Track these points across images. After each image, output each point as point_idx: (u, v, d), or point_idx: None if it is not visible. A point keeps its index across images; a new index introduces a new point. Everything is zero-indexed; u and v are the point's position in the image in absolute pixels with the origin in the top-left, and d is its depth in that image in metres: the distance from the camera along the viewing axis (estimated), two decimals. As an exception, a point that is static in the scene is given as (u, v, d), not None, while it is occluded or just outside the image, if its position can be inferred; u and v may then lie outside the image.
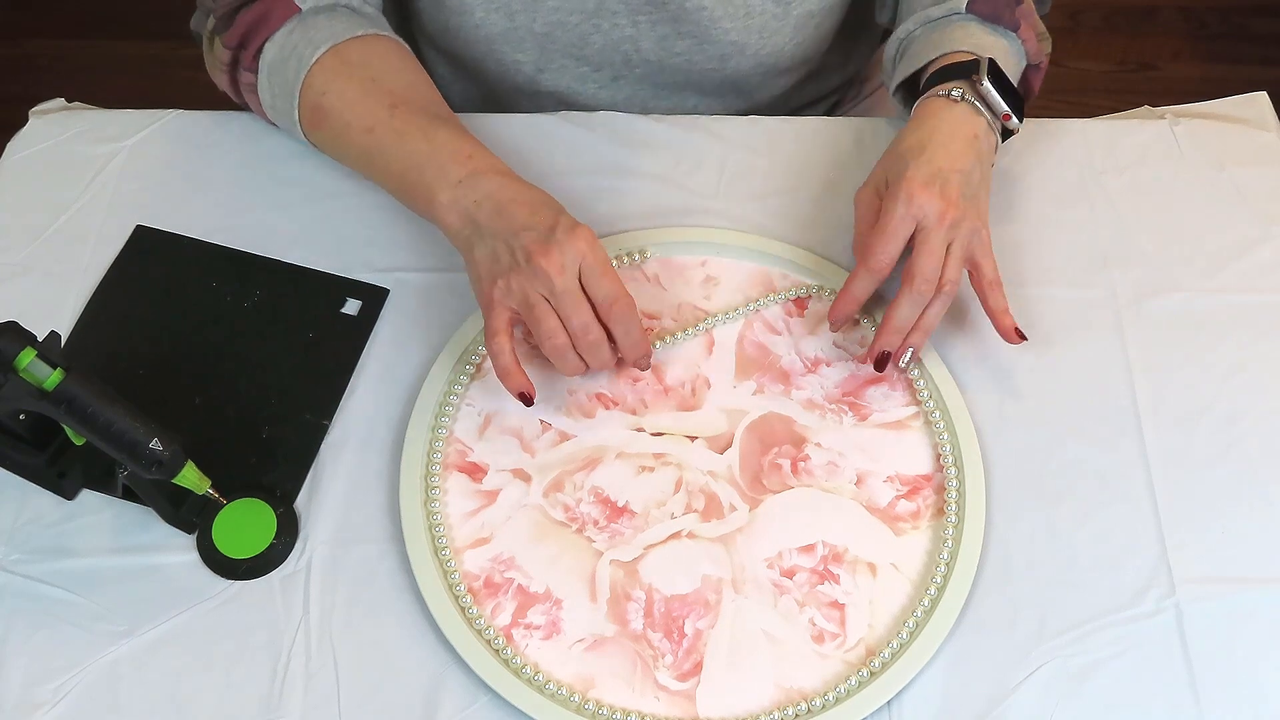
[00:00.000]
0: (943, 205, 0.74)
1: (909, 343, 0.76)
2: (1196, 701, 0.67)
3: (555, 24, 0.87)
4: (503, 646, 0.69)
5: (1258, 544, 0.73)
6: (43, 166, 0.88)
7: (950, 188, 0.75)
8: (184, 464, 0.67)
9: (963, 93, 0.78)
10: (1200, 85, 1.98)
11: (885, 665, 0.68)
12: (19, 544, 0.72)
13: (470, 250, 0.74)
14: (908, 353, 0.76)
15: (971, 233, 0.75)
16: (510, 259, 0.72)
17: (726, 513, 0.74)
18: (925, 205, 0.74)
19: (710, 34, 0.88)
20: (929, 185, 0.74)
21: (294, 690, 0.67)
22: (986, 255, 0.77)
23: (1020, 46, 0.84)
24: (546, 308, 0.71)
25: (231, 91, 0.85)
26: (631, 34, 0.88)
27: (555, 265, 0.70)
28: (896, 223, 0.75)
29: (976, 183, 0.77)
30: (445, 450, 0.76)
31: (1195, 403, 0.78)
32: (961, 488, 0.74)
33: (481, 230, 0.73)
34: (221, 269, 0.83)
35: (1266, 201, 0.87)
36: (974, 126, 0.78)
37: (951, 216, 0.74)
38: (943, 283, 0.74)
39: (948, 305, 0.75)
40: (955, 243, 0.75)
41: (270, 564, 0.71)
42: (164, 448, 0.65)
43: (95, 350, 0.80)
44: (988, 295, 0.77)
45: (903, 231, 0.75)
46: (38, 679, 0.68)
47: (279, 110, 0.82)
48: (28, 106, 0.92)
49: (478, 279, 0.74)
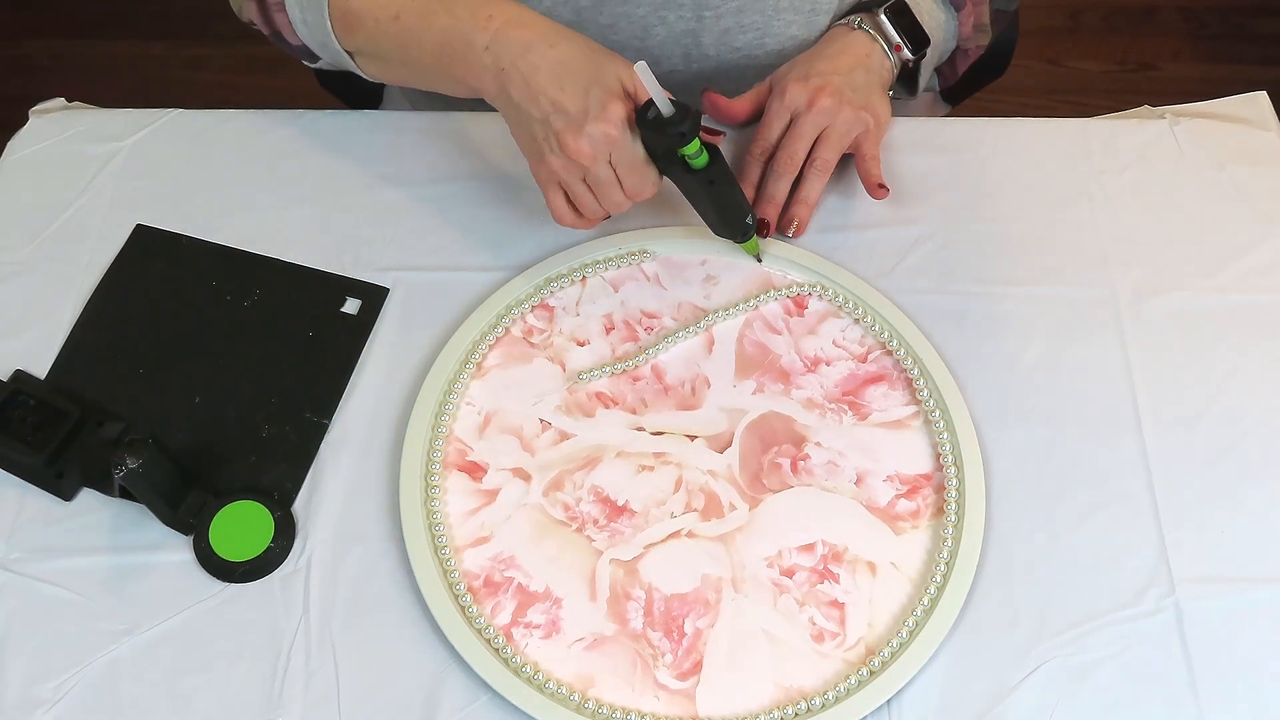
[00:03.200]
0: (812, 95, 0.82)
1: (791, 214, 0.84)
2: (1196, 700, 0.67)
3: (621, 15, 0.88)
4: (503, 645, 0.69)
5: (1258, 544, 0.73)
6: (43, 166, 0.89)
7: (825, 84, 0.82)
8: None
9: (859, 20, 0.87)
10: (1200, 85, 1.98)
11: (885, 664, 0.68)
12: (19, 543, 0.72)
13: (513, 124, 0.77)
14: (793, 224, 0.84)
15: (854, 120, 0.82)
16: (546, 143, 0.74)
17: (726, 512, 0.74)
18: (796, 96, 0.83)
19: (772, 27, 0.89)
20: (802, 81, 0.83)
21: (294, 689, 0.67)
22: (869, 139, 0.84)
23: (955, 27, 0.91)
24: (584, 188, 0.76)
25: (260, 19, 0.85)
26: (694, 28, 0.89)
27: (587, 155, 0.73)
28: (771, 114, 0.84)
29: (860, 84, 0.84)
30: (445, 449, 0.76)
31: (1195, 403, 0.78)
32: (961, 487, 0.74)
33: (516, 105, 0.75)
34: (221, 268, 0.83)
35: (1266, 201, 0.87)
36: (865, 48, 0.86)
37: (821, 104, 0.82)
38: (813, 158, 0.83)
39: (823, 181, 0.83)
40: (830, 129, 0.82)
41: (267, 567, 0.71)
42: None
43: (95, 350, 0.80)
44: (861, 166, 0.84)
45: (778, 122, 0.84)
46: (38, 678, 0.68)
47: (310, 24, 0.82)
48: (28, 106, 0.92)
49: (524, 150, 0.78)
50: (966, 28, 0.92)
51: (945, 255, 0.84)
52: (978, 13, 0.92)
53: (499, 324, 0.81)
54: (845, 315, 0.82)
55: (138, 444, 0.66)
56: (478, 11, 0.76)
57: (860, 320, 0.81)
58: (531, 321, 0.82)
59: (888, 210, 0.86)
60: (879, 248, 0.85)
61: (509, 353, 0.80)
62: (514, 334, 0.81)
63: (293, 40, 0.85)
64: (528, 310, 0.82)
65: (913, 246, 0.85)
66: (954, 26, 0.91)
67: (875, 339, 0.81)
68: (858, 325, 0.81)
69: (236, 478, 0.74)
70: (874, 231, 0.85)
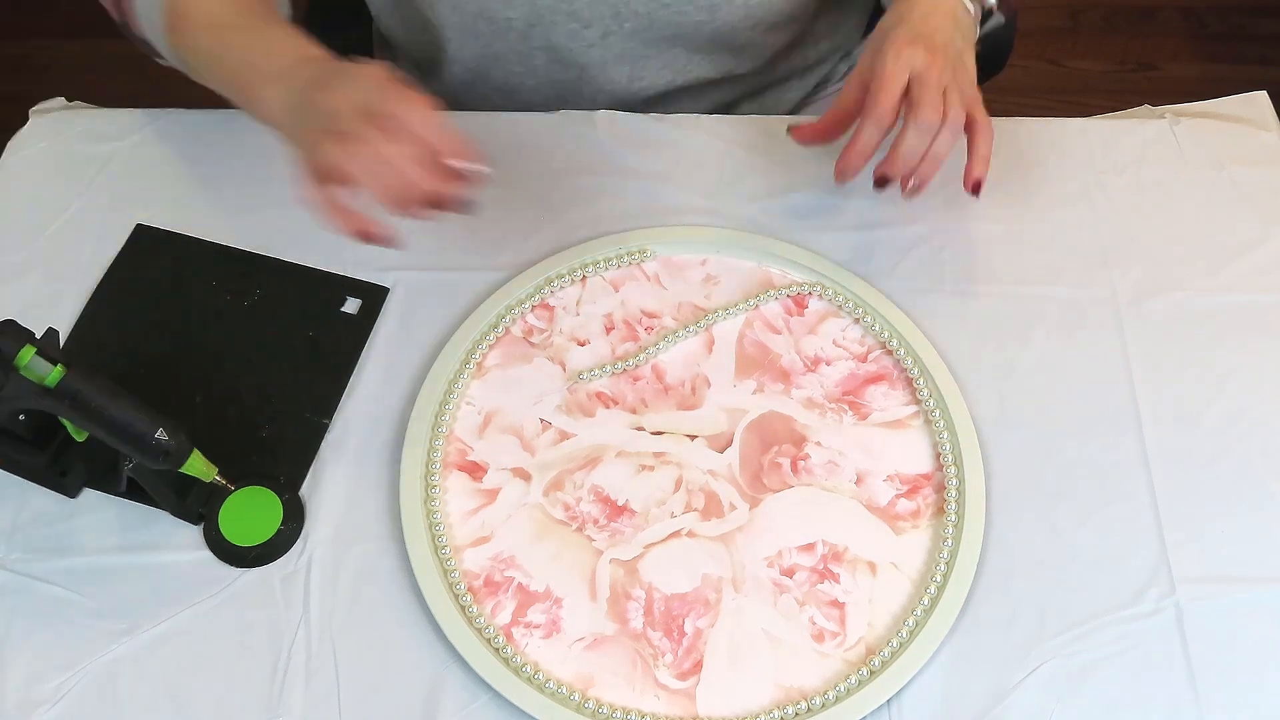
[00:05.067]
0: (929, 56, 0.77)
1: (921, 173, 0.77)
2: (1196, 700, 0.67)
3: None
4: (503, 645, 0.69)
5: (1258, 543, 0.73)
6: (43, 166, 0.89)
7: (935, 43, 0.77)
8: (190, 452, 0.67)
9: None
10: (1200, 85, 1.98)
11: (885, 664, 0.68)
12: (19, 542, 0.72)
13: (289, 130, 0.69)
14: (915, 183, 0.78)
15: (967, 83, 0.78)
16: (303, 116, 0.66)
17: (726, 512, 0.74)
18: (913, 56, 0.76)
19: None
20: (914, 42, 0.77)
21: (294, 689, 0.67)
22: (977, 105, 0.79)
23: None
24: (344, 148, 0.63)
25: (112, 6, 0.81)
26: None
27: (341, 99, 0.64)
28: (890, 73, 0.76)
29: (960, 46, 0.79)
30: (445, 449, 0.76)
31: (1195, 403, 0.78)
32: (961, 487, 0.74)
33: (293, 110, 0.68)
34: (221, 267, 0.83)
35: (1266, 201, 0.87)
36: (951, 4, 0.81)
37: (941, 64, 0.77)
38: (947, 115, 0.76)
39: (955, 139, 0.77)
40: (950, 87, 0.77)
41: (278, 550, 0.71)
42: (170, 437, 0.65)
43: (95, 349, 0.80)
44: (976, 137, 0.79)
45: (898, 80, 0.76)
46: (38, 677, 0.68)
47: (145, 16, 0.79)
48: (28, 106, 0.92)
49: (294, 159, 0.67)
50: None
51: (945, 255, 0.84)
52: None
53: (499, 324, 0.81)
54: (845, 315, 0.82)
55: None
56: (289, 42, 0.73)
57: (860, 320, 0.81)
58: (531, 321, 0.82)
59: (888, 210, 0.86)
60: (879, 248, 0.85)
61: (509, 352, 0.80)
62: (514, 334, 0.81)
63: (138, 34, 0.82)
64: (528, 310, 0.82)
65: (913, 246, 0.85)
66: None
67: (875, 339, 0.81)
68: (858, 325, 0.81)
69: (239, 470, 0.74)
70: (874, 231, 0.85)
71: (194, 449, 0.68)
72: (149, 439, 0.65)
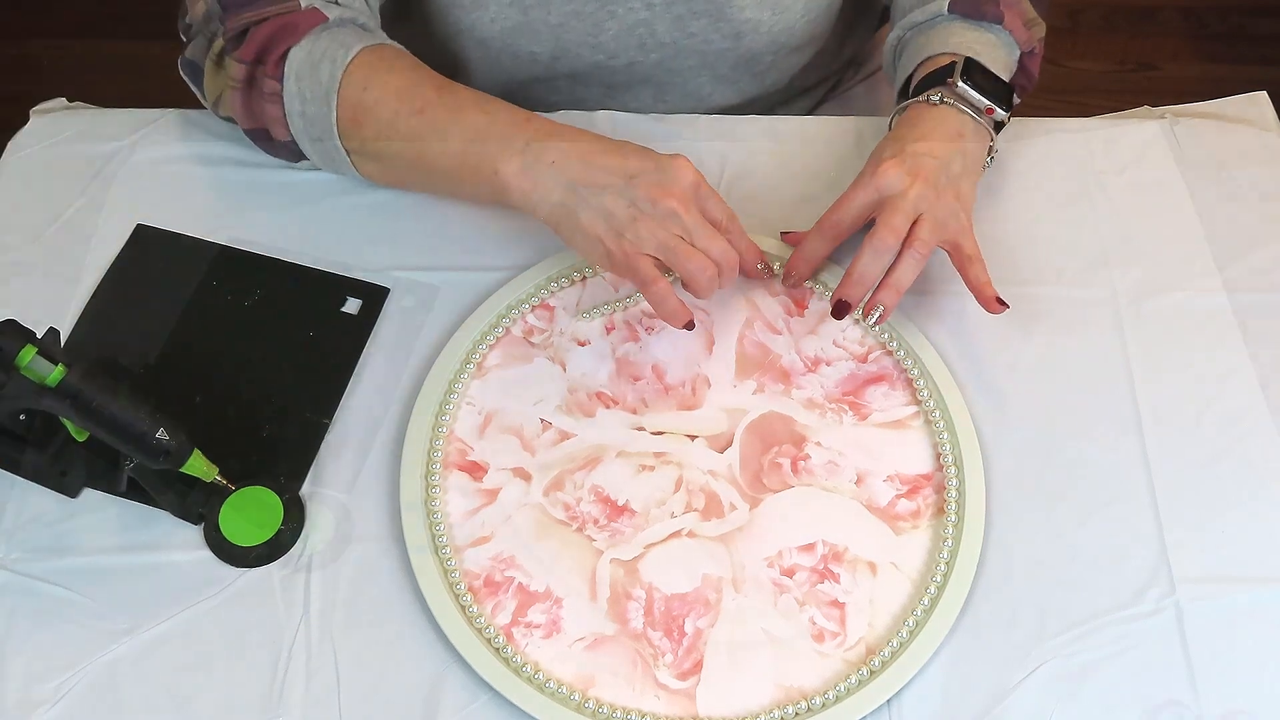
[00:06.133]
0: (909, 179, 0.75)
1: (878, 299, 0.76)
2: (1196, 700, 0.67)
3: (570, 14, 0.87)
4: (503, 645, 0.69)
5: (1258, 544, 0.73)
6: (43, 166, 0.89)
7: (921, 167, 0.76)
8: (191, 451, 0.68)
9: (941, 96, 0.80)
10: (1200, 85, 1.98)
11: (885, 664, 0.68)
12: (19, 542, 0.72)
13: (572, 214, 0.73)
14: (877, 310, 0.76)
15: (950, 213, 0.76)
16: (631, 209, 0.71)
17: (726, 512, 0.74)
18: (890, 177, 0.76)
19: (725, 11, 0.88)
20: (898, 162, 0.76)
21: (294, 689, 0.67)
22: (966, 236, 0.77)
23: (1009, 37, 0.85)
24: (687, 246, 0.72)
25: (243, 112, 0.80)
26: (646, 17, 0.88)
27: (682, 203, 0.71)
28: (857, 190, 0.77)
29: (957, 172, 0.78)
30: (445, 449, 0.76)
31: (1195, 403, 0.78)
32: (961, 487, 0.74)
33: (578, 189, 0.72)
34: (222, 268, 0.83)
35: (1267, 201, 0.87)
36: (957, 124, 0.79)
37: (919, 190, 0.75)
38: (910, 240, 0.75)
39: (918, 268, 0.75)
40: (927, 214, 0.75)
41: (279, 550, 0.71)
42: (170, 437, 0.66)
43: (95, 349, 0.80)
44: (967, 270, 0.77)
45: (861, 198, 0.77)
46: (38, 677, 0.68)
47: (310, 116, 0.78)
48: (28, 106, 0.92)
49: (595, 239, 0.72)
50: (1019, 32, 0.84)
51: (945, 255, 0.84)
52: (1019, 10, 0.85)
53: (499, 324, 0.81)
54: (845, 315, 0.82)
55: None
56: (516, 115, 0.75)
57: (860, 320, 0.81)
58: (532, 321, 0.82)
59: (888, 210, 0.86)
60: (879, 248, 0.85)
61: (509, 352, 0.80)
62: (514, 334, 0.81)
63: (279, 136, 0.80)
64: (528, 310, 0.82)
65: (913, 246, 0.85)
66: (1007, 37, 0.84)
67: (875, 339, 0.81)
68: (857, 325, 0.81)
69: (239, 470, 0.73)
70: (874, 231, 0.85)
71: (194, 449, 0.68)
72: (149, 439, 0.65)
